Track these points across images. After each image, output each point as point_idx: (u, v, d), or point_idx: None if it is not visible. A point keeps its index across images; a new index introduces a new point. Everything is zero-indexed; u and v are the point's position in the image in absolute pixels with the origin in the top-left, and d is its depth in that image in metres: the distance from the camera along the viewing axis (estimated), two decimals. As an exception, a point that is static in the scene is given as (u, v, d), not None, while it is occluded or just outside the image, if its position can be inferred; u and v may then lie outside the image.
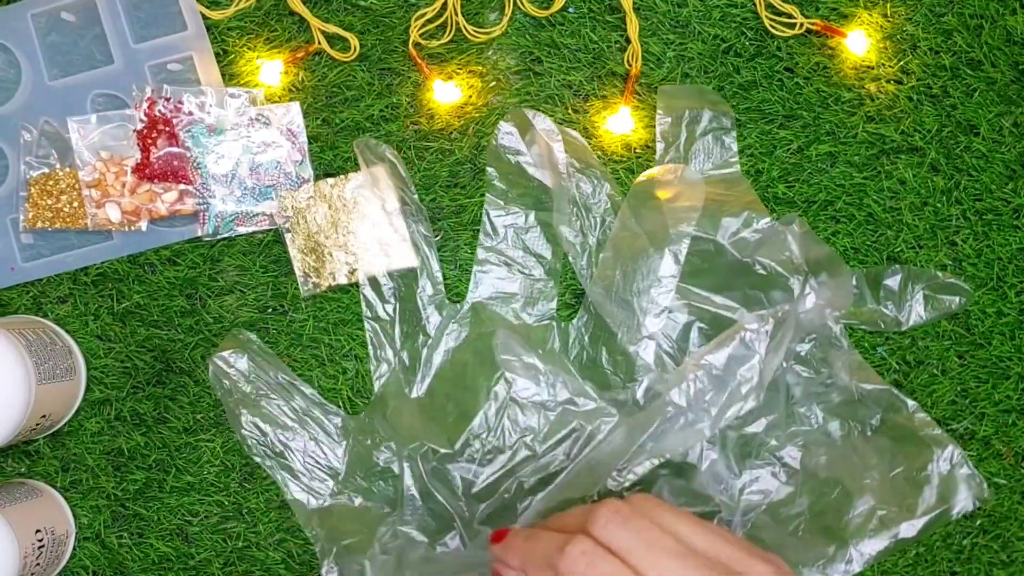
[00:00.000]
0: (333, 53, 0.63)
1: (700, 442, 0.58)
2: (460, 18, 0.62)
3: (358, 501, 0.59)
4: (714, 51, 0.62)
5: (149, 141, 0.61)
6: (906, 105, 0.62)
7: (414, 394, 0.60)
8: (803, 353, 0.59)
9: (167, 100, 0.62)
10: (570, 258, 0.61)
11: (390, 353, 0.61)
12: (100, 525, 0.62)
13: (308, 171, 0.62)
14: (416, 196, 0.61)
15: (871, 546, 0.58)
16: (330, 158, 0.63)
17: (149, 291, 0.62)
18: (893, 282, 0.60)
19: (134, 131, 0.62)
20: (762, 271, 0.59)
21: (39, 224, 0.62)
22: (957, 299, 0.60)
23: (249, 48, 0.63)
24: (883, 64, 0.62)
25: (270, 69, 0.62)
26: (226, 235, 0.62)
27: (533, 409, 0.57)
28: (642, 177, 0.60)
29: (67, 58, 0.62)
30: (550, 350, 0.60)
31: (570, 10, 0.63)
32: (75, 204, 0.62)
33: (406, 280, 0.61)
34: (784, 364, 0.59)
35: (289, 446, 0.60)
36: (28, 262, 0.62)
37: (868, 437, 0.59)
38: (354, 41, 0.62)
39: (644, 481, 0.59)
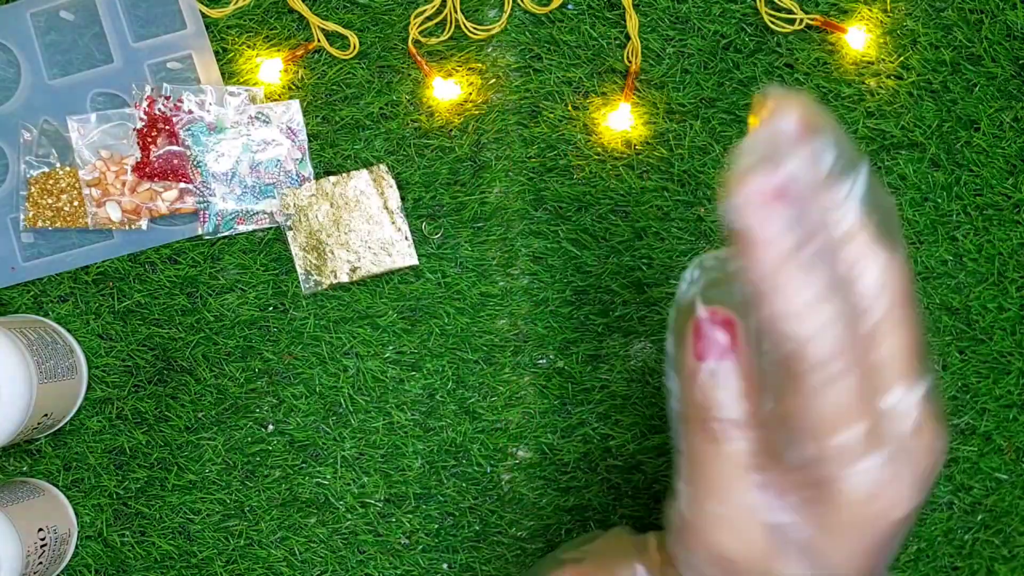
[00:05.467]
0: (332, 51, 0.63)
1: None
2: (459, 15, 0.62)
3: None
4: (714, 47, 0.62)
5: (149, 140, 0.61)
6: (906, 100, 0.62)
7: None
8: None
9: (167, 99, 0.62)
10: None
11: None
12: (102, 523, 0.62)
13: (308, 169, 0.62)
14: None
15: None
16: (330, 156, 0.63)
17: (150, 290, 0.62)
18: None
19: (134, 130, 0.62)
20: None
21: (39, 223, 0.62)
22: None
23: (248, 46, 0.63)
24: (883, 59, 0.62)
25: (269, 67, 0.62)
26: (226, 233, 0.62)
27: None
28: None
29: (66, 57, 0.62)
30: None
31: (569, 7, 0.63)
32: (75, 203, 0.62)
33: None
34: None
35: None
36: (29, 261, 0.62)
37: None
38: (353, 39, 0.62)
39: None
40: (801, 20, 0.62)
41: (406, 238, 0.61)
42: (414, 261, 0.62)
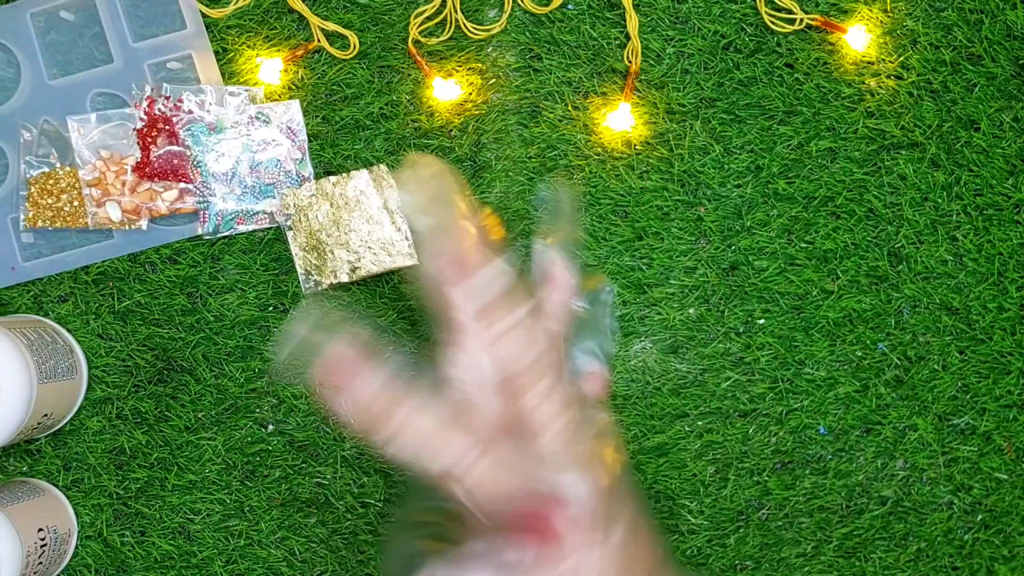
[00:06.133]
0: (332, 51, 0.63)
1: None
2: (459, 15, 0.62)
3: None
4: (714, 47, 0.62)
5: (149, 140, 0.61)
6: (906, 100, 0.62)
7: None
8: None
9: (167, 99, 0.62)
10: None
11: None
12: (102, 524, 0.62)
13: (308, 169, 0.62)
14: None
15: None
16: (330, 156, 0.63)
17: (150, 290, 0.62)
18: None
19: (134, 130, 0.62)
20: None
21: (39, 223, 0.62)
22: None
23: (248, 46, 0.63)
24: (883, 59, 0.62)
25: (269, 67, 0.62)
26: (226, 233, 0.62)
27: None
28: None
29: (66, 57, 0.62)
30: None
31: (569, 7, 0.63)
32: (75, 203, 0.62)
33: None
34: None
35: None
36: (29, 261, 0.62)
37: None
38: (353, 39, 0.62)
39: None
40: (801, 20, 0.62)
41: (406, 238, 0.61)
42: (414, 261, 0.62)
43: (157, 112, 0.61)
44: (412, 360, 0.55)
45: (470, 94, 0.63)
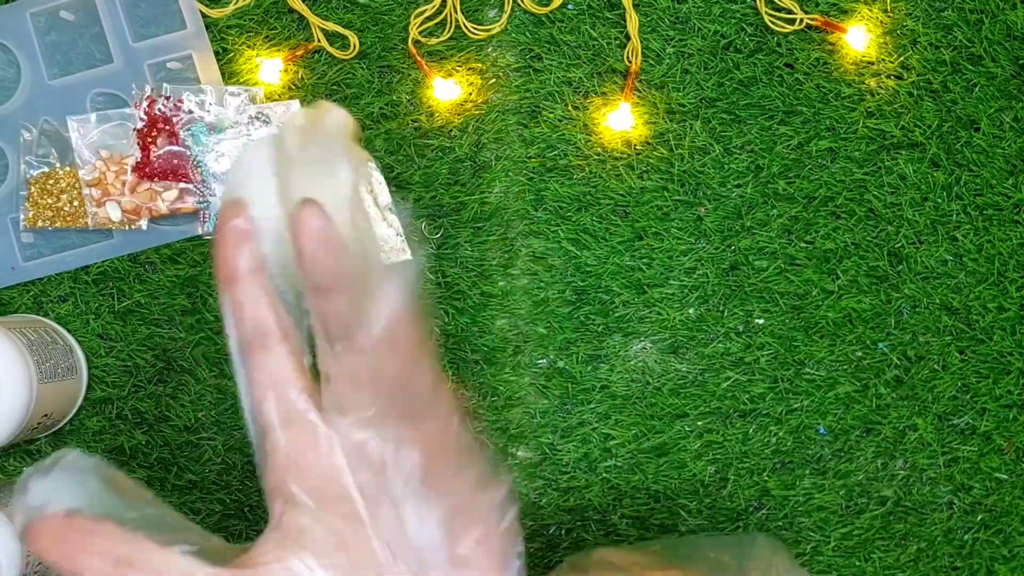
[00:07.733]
0: (332, 51, 0.63)
1: None
2: (460, 15, 0.62)
3: None
4: (714, 47, 0.62)
5: (149, 140, 0.61)
6: (906, 100, 0.62)
7: None
8: None
9: (167, 99, 0.62)
10: None
11: None
12: (102, 523, 0.62)
13: (308, 169, 0.62)
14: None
15: None
16: (330, 156, 0.63)
17: (150, 290, 0.62)
18: None
19: (134, 130, 0.62)
20: None
21: (39, 223, 0.62)
22: None
23: (248, 46, 0.63)
24: (883, 59, 0.62)
25: (270, 67, 0.62)
26: (226, 233, 0.62)
27: None
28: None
29: (66, 57, 0.62)
30: None
31: (569, 7, 0.63)
32: (75, 203, 0.62)
33: None
34: None
35: None
36: (29, 261, 0.62)
37: None
38: (353, 39, 0.62)
39: None
40: (801, 20, 0.62)
41: (398, 233, 0.61)
42: (407, 256, 0.61)
43: (157, 112, 0.61)
44: None
45: (470, 94, 0.63)
